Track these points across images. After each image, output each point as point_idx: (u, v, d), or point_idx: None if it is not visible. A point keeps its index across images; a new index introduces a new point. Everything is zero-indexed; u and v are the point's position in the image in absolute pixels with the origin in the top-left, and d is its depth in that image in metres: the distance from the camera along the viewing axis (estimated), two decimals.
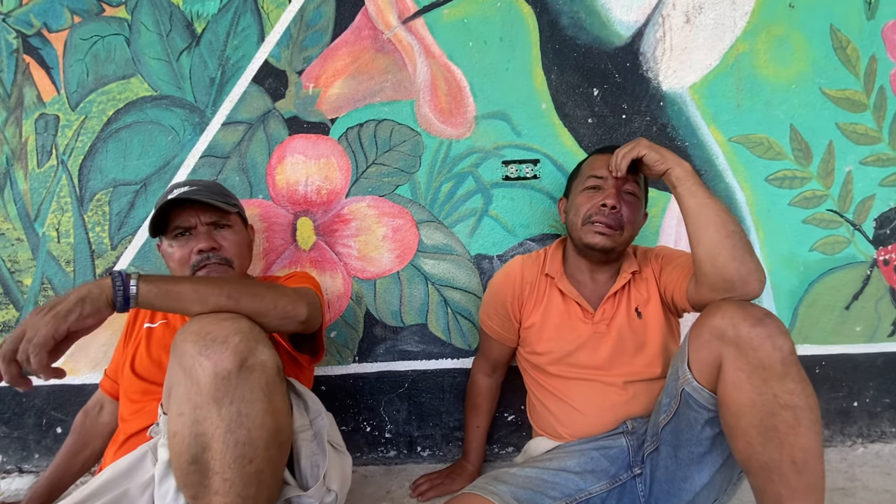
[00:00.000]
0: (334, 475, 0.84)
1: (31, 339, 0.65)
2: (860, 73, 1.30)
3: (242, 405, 0.67)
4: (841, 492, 1.14)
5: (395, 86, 1.28)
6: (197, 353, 0.66)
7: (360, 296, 1.31)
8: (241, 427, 0.66)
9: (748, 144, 1.30)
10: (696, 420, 0.81)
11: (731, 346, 0.74)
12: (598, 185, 1.00)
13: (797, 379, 0.71)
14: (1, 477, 1.31)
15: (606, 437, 0.97)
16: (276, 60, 1.28)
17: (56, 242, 1.29)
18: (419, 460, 1.33)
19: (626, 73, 1.28)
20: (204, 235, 0.96)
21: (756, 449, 0.72)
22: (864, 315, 1.34)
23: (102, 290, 0.70)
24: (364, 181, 1.29)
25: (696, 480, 0.84)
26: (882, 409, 1.36)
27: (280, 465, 0.73)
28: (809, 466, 0.70)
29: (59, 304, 0.68)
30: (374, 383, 1.31)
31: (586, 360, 1.01)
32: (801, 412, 0.70)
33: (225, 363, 0.66)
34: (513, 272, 1.11)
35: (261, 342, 0.71)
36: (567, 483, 0.88)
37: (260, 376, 0.69)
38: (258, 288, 0.78)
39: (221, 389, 0.66)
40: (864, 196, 1.32)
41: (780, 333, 0.72)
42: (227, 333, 0.68)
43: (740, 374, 0.73)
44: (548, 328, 1.05)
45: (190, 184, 0.99)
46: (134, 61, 1.28)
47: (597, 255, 1.01)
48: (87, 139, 1.28)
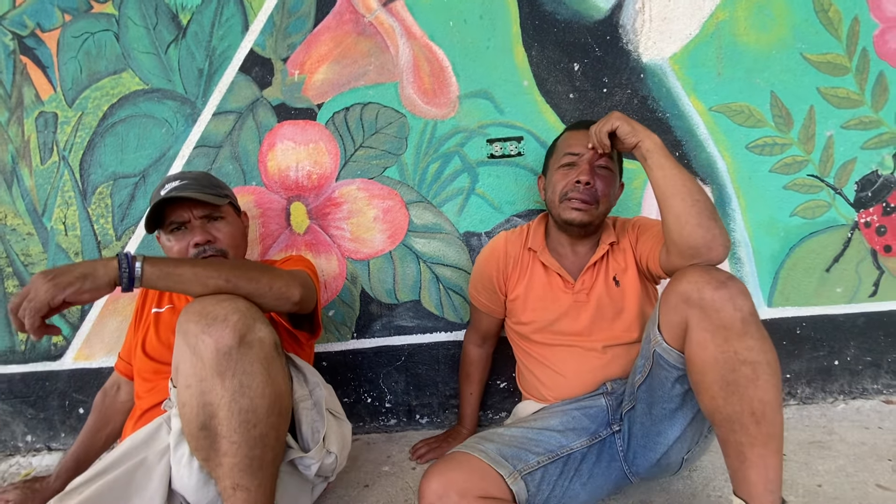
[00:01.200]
0: (334, 439, 0.91)
1: (30, 300, 0.71)
2: (842, 35, 1.30)
3: (244, 377, 0.73)
4: (818, 444, 1.20)
5: (378, 69, 1.31)
6: (200, 332, 0.72)
7: (355, 276, 1.36)
8: (244, 396, 0.73)
9: (728, 113, 1.31)
10: (667, 378, 0.87)
11: (696, 308, 0.79)
12: (572, 161, 1.04)
13: (756, 336, 0.75)
14: (31, 455, 1.42)
15: (587, 398, 1.03)
16: (262, 49, 1.31)
17: (64, 235, 1.36)
18: (418, 427, 1.41)
19: (607, 47, 1.30)
20: (199, 229, 1.00)
21: (719, 402, 0.77)
22: (844, 277, 1.37)
23: (108, 270, 0.75)
24: (353, 164, 1.33)
25: (669, 434, 0.90)
26: (863, 366, 1.41)
27: (282, 429, 0.80)
28: (768, 417, 0.75)
29: (62, 275, 0.72)
30: (372, 357, 1.38)
31: (568, 327, 1.06)
32: (760, 367, 0.75)
33: (226, 339, 0.72)
34: (497, 248, 1.16)
35: (258, 320, 0.77)
36: (550, 440, 0.95)
37: (258, 351, 0.75)
38: (254, 271, 0.83)
39: (223, 363, 0.72)
40: (846, 160, 1.34)
41: (740, 294, 0.76)
42: (226, 312, 0.74)
43: (705, 335, 0.78)
44: (531, 299, 1.11)
45: (181, 177, 1.04)
46: (124, 56, 1.31)
47: (575, 229, 1.06)
48: (86, 135, 1.33)
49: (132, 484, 0.80)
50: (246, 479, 0.74)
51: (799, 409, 1.38)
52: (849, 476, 1.05)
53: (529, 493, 0.87)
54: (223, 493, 0.75)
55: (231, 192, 1.12)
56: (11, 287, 1.37)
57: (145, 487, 0.80)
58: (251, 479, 0.74)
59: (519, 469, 0.87)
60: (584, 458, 0.95)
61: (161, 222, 1.01)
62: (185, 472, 0.80)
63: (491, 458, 0.87)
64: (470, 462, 0.87)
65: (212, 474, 0.78)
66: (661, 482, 1.07)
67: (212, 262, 0.83)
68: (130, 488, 0.79)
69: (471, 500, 0.80)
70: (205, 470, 0.79)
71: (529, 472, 0.88)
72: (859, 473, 1.06)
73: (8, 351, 1.39)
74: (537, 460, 0.90)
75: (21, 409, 1.41)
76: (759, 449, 0.76)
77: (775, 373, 0.76)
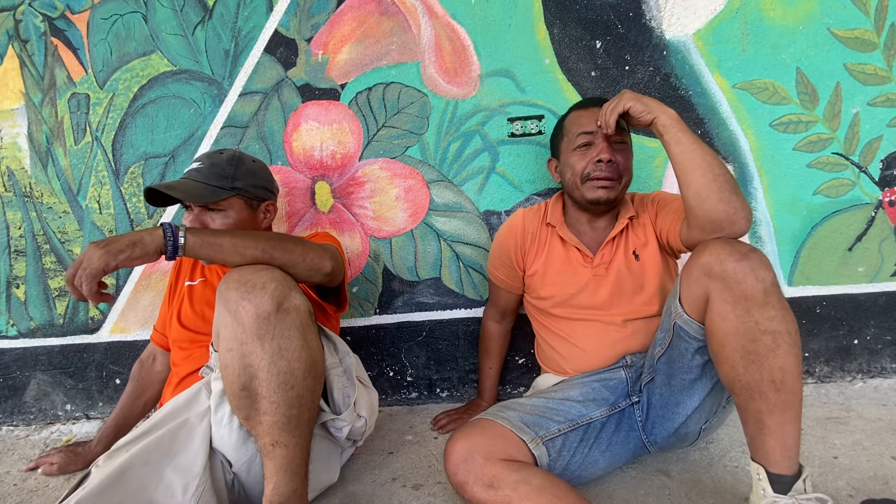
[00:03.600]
0: (363, 404, 0.96)
1: (85, 268, 0.75)
2: (871, 10, 1.27)
3: (282, 341, 0.78)
4: (835, 420, 1.21)
5: (400, 48, 1.32)
6: (240, 298, 0.77)
7: (378, 253, 1.40)
8: (283, 359, 0.78)
9: (752, 90, 1.30)
10: (686, 350, 0.89)
11: (718, 280, 0.79)
12: (588, 141, 1.04)
13: (777, 307, 0.76)
14: (71, 423, 1.49)
15: (607, 370, 1.05)
16: (286, 29, 1.32)
17: (98, 213, 1.41)
18: (438, 400, 1.45)
19: (629, 24, 1.29)
20: (194, 217, 1.03)
21: (739, 371, 0.79)
22: (867, 256, 1.37)
23: (154, 238, 0.79)
24: (376, 144, 1.35)
25: (687, 404, 0.92)
26: (883, 346, 1.41)
27: (317, 392, 0.84)
28: (787, 385, 0.76)
29: (113, 244, 0.77)
30: (394, 333, 1.42)
31: (587, 301, 1.08)
32: (780, 336, 0.75)
33: (265, 305, 0.76)
34: (515, 224, 1.18)
35: (293, 289, 0.81)
36: (570, 410, 0.97)
37: (295, 317, 0.79)
38: (288, 242, 0.87)
39: (263, 328, 0.76)
40: (871, 138, 1.32)
41: (762, 266, 0.77)
42: (264, 281, 0.78)
43: (726, 306, 0.78)
44: (550, 274, 1.13)
45: (200, 160, 1.06)
46: (152, 37, 1.34)
47: (601, 207, 1.07)
48: (117, 116, 1.37)
49: (176, 442, 0.85)
50: (284, 436, 0.78)
51: (817, 388, 1.39)
52: (865, 449, 1.07)
53: (551, 457, 0.90)
54: (263, 449, 0.80)
55: (252, 182, 1.08)
56: (49, 263, 1.43)
57: (188, 445, 0.85)
58: (289, 436, 0.78)
59: (541, 435, 0.90)
60: (603, 427, 0.98)
61: None
62: (225, 431, 0.85)
63: (514, 425, 0.90)
64: (494, 427, 0.90)
65: (252, 432, 0.82)
66: (678, 452, 1.10)
67: (249, 234, 0.86)
68: (175, 446, 0.84)
69: (495, 462, 0.83)
70: (244, 429, 0.84)
71: (550, 438, 0.91)
72: (875, 447, 1.07)
73: (47, 324, 1.46)
74: (558, 428, 0.93)
75: (61, 379, 1.48)
76: (779, 416, 0.77)
77: (796, 342, 0.77)
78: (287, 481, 0.78)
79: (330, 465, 0.98)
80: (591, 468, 0.95)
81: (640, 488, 0.99)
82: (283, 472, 0.78)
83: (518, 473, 0.80)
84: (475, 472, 0.82)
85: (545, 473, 0.82)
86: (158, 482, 0.80)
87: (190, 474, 0.81)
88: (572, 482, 0.94)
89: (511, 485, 0.79)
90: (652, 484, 1.00)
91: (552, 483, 0.79)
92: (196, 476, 0.81)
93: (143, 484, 0.79)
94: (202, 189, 1.01)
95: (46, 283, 1.44)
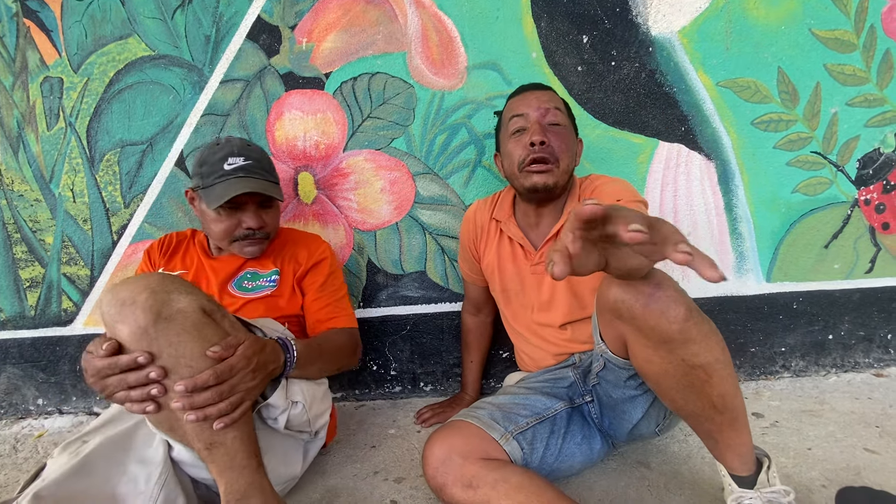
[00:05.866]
0: (297, 391, 0.90)
1: (243, 399, 0.77)
2: (851, 11, 1.30)
3: (173, 349, 0.70)
4: (809, 413, 1.24)
5: (386, 38, 1.30)
6: (114, 322, 0.69)
7: (362, 246, 1.38)
8: (184, 366, 0.71)
9: (735, 88, 1.32)
10: (619, 377, 0.87)
11: (630, 325, 0.74)
12: (521, 126, 1.00)
13: (698, 339, 0.70)
14: (43, 417, 1.45)
15: (557, 368, 1.05)
16: (269, 16, 1.30)
17: (72, 202, 1.36)
18: (422, 394, 1.45)
19: (616, 19, 1.29)
20: (252, 214, 1.05)
21: (680, 403, 0.77)
22: (842, 253, 1.40)
23: (279, 355, 0.86)
24: (360, 135, 1.34)
25: (633, 414, 0.91)
26: (856, 341, 1.45)
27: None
28: (728, 405, 0.75)
29: (262, 371, 0.81)
30: (378, 326, 1.41)
31: (532, 299, 1.07)
32: (710, 367, 0.72)
33: (140, 321, 0.68)
34: (469, 217, 1.18)
35: (174, 292, 0.72)
36: (535, 403, 0.97)
37: (182, 321, 0.71)
38: (342, 361, 1.05)
39: (145, 344, 0.69)
40: (849, 137, 1.35)
41: (670, 303, 0.69)
42: (134, 294, 0.69)
43: (647, 351, 0.75)
44: (499, 269, 1.12)
45: (245, 154, 1.04)
46: (130, 21, 1.30)
47: (542, 194, 1.00)
48: (92, 101, 1.32)
49: (137, 436, 0.81)
50: (218, 435, 0.73)
51: (792, 382, 1.42)
52: (838, 441, 1.10)
53: (524, 451, 0.89)
54: (200, 455, 0.75)
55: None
56: (20, 253, 1.38)
57: (149, 438, 0.81)
58: (223, 434, 0.73)
59: (510, 430, 0.90)
60: (570, 419, 0.97)
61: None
62: (178, 447, 0.79)
63: (483, 423, 0.90)
64: (468, 428, 0.89)
65: (182, 443, 0.77)
66: (657, 444, 1.11)
67: (315, 347, 0.96)
68: (136, 440, 0.80)
69: (473, 462, 0.82)
70: None
71: (521, 431, 0.91)
72: (848, 439, 1.10)
73: (18, 316, 1.41)
74: (526, 421, 0.93)
75: (32, 373, 1.43)
76: (727, 431, 0.77)
77: (727, 365, 0.73)
78: (236, 477, 0.74)
79: (289, 458, 0.94)
80: (568, 461, 0.95)
81: (621, 480, 1.00)
82: (230, 469, 0.74)
83: (497, 472, 0.80)
84: (454, 472, 0.82)
85: (523, 471, 0.82)
86: (122, 474, 0.77)
87: (152, 464, 0.78)
88: (552, 476, 0.94)
89: (490, 484, 0.79)
90: (632, 475, 1.01)
91: (531, 480, 0.79)
92: (157, 465, 0.78)
93: (106, 476, 0.76)
94: (276, 189, 1.08)
95: (17, 273, 1.39)
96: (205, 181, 1.02)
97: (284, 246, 1.15)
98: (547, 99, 1.01)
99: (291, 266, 1.12)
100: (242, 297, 1.07)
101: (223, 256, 1.13)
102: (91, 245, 1.38)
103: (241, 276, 1.10)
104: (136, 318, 0.68)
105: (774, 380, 1.44)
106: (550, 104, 1.00)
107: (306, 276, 1.12)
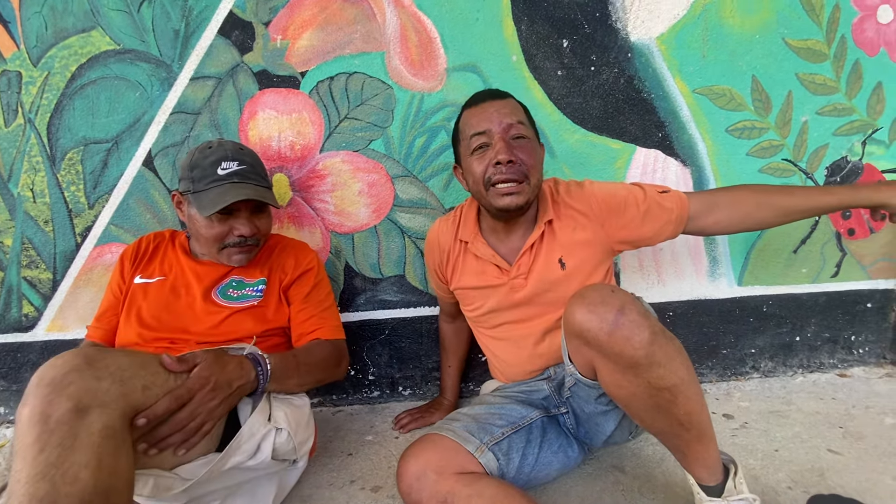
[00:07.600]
0: (281, 417, 0.88)
1: (206, 420, 0.77)
2: (823, 21, 1.33)
3: None
4: (777, 414, 1.28)
5: (364, 37, 1.27)
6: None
7: (339, 249, 1.36)
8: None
9: (711, 96, 1.34)
10: (591, 394, 0.89)
11: (596, 351, 0.77)
12: (483, 142, 0.93)
13: (664, 362, 0.73)
14: (5, 426, 1.39)
15: (533, 381, 1.06)
16: (242, 11, 1.25)
17: (32, 202, 1.30)
18: (401, 399, 1.44)
19: (596, 24, 1.29)
20: (245, 221, 1.00)
21: (648, 422, 0.81)
22: (810, 258, 1.44)
23: (249, 373, 0.85)
24: (337, 136, 1.31)
25: (606, 427, 0.93)
26: (822, 342, 1.50)
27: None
28: (695, 422, 0.78)
29: (222, 390, 0.79)
30: (356, 331, 1.39)
31: (508, 315, 1.05)
32: (676, 388, 0.74)
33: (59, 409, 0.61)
34: (431, 240, 1.14)
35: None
36: (511, 413, 0.97)
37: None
38: (323, 373, 1.02)
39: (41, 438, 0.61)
40: (818, 145, 1.39)
41: (634, 328, 0.72)
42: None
43: (616, 376, 0.77)
44: (470, 289, 1.08)
45: (239, 159, 1.00)
46: (93, 12, 1.24)
47: (512, 214, 0.97)
48: (53, 96, 1.26)
49: None
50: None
51: (761, 382, 1.46)
52: (803, 442, 1.13)
53: (500, 462, 0.88)
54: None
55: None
56: None
57: None
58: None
59: (485, 442, 0.89)
60: (546, 428, 0.97)
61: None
62: None
63: (458, 436, 0.89)
64: (443, 441, 0.88)
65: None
66: (632, 448, 1.13)
67: (292, 361, 0.94)
68: None
69: (448, 477, 0.82)
70: None
71: (496, 442, 0.90)
72: (813, 440, 1.14)
73: None
74: (501, 431, 0.92)
75: None
76: (694, 446, 0.80)
77: (692, 384, 0.76)
78: None
79: (257, 496, 0.90)
80: (545, 469, 0.95)
81: (596, 484, 1.01)
82: None
83: (471, 487, 0.80)
84: (429, 489, 0.81)
85: (498, 483, 0.82)
86: None
87: None
88: (529, 485, 0.95)
89: (465, 499, 0.78)
90: (606, 480, 1.02)
91: (506, 493, 0.79)
92: None
93: None
94: (272, 195, 1.05)
95: None
96: (196, 185, 0.97)
97: (272, 253, 1.11)
98: (509, 112, 0.94)
99: (278, 275, 1.08)
100: (227, 307, 1.01)
101: (208, 260, 1.07)
102: (53, 247, 1.32)
103: (227, 284, 1.05)
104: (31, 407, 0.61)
105: (744, 380, 1.48)
106: (513, 118, 0.93)
107: (292, 286, 1.09)
